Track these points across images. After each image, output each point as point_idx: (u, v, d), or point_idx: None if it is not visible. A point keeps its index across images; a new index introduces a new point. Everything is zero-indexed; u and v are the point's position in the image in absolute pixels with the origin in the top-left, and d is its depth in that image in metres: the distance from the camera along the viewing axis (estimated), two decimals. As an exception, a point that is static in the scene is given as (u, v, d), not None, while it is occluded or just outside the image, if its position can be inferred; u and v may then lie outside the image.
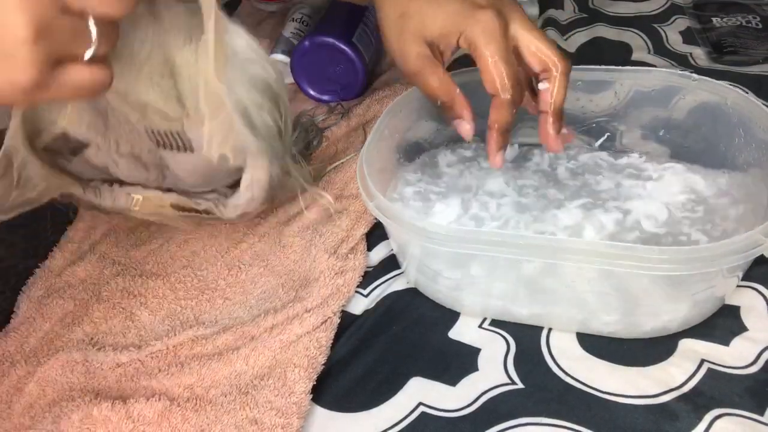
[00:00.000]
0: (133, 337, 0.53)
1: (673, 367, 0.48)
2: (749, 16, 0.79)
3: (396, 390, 0.49)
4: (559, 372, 0.48)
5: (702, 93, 0.57)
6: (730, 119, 0.55)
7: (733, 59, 0.74)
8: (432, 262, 0.51)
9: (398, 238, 0.53)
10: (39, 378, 0.51)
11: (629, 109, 0.60)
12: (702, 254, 0.43)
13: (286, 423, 0.47)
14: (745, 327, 0.50)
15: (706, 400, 0.45)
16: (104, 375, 0.51)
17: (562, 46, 0.80)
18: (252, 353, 0.51)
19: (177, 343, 0.52)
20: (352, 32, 0.74)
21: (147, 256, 0.61)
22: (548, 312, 0.50)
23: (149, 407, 0.47)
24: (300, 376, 0.49)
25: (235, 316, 0.54)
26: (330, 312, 0.53)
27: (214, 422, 0.47)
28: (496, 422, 0.46)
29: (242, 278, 0.57)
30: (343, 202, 0.62)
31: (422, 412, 0.47)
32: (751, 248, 0.43)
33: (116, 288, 0.57)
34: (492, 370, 0.49)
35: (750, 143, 0.54)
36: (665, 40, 0.79)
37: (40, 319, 0.56)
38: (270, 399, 0.48)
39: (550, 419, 0.46)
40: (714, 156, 0.57)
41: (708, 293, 0.48)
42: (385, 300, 0.55)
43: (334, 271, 0.56)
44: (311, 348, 0.51)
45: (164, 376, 0.50)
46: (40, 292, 0.59)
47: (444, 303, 0.54)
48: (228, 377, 0.50)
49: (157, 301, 0.56)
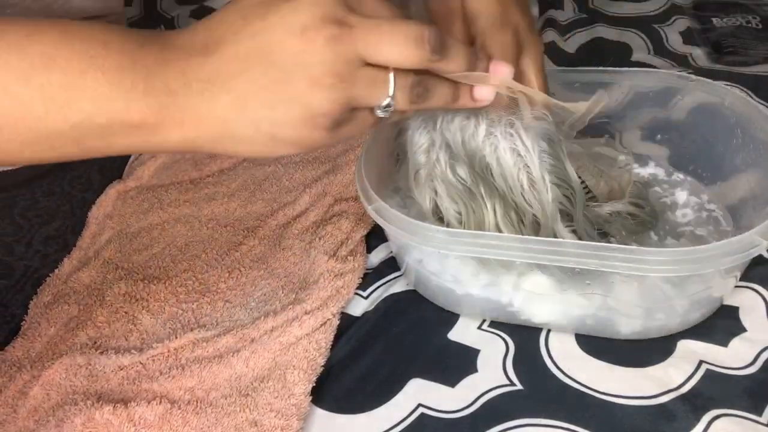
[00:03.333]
0: (135, 341, 0.54)
1: (671, 368, 0.48)
2: (749, 16, 0.79)
3: (395, 391, 0.49)
4: (557, 373, 0.49)
5: (700, 94, 0.57)
6: (729, 120, 0.55)
7: (733, 59, 0.74)
8: (431, 265, 0.51)
9: (397, 241, 0.53)
10: (43, 382, 0.52)
11: (628, 110, 0.61)
12: (699, 255, 0.43)
13: (286, 425, 0.47)
14: (744, 328, 0.50)
15: (705, 400, 0.46)
16: (107, 378, 0.51)
17: (562, 46, 0.80)
18: (252, 355, 0.51)
19: (178, 345, 0.52)
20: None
21: (149, 260, 0.61)
22: (547, 313, 0.50)
23: (150, 410, 0.48)
24: (300, 378, 0.49)
25: (236, 318, 0.55)
26: (329, 314, 0.53)
27: (215, 425, 0.47)
28: (495, 423, 0.46)
29: (242, 281, 0.58)
30: (342, 204, 0.62)
31: (422, 413, 0.47)
32: (747, 249, 0.43)
33: (119, 292, 0.58)
34: (491, 371, 0.49)
35: (748, 144, 0.54)
36: (665, 41, 0.79)
37: (45, 324, 0.57)
38: (270, 401, 0.48)
39: (549, 420, 0.46)
40: (712, 157, 0.57)
41: (706, 294, 0.48)
42: (385, 302, 0.55)
43: (333, 273, 0.56)
44: (311, 350, 0.51)
45: (165, 379, 0.50)
46: (47, 298, 0.60)
47: (443, 305, 0.54)
48: (228, 379, 0.50)
49: (159, 304, 0.56)
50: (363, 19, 0.35)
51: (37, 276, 0.61)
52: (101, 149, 0.35)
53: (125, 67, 0.33)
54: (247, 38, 0.34)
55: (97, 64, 0.33)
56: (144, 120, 0.34)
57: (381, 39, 0.35)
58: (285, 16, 0.34)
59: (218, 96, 0.34)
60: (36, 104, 0.33)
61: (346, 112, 0.36)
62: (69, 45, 0.33)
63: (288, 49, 0.34)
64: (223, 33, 0.35)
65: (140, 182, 0.70)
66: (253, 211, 0.65)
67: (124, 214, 0.66)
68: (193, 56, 0.34)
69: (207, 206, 0.66)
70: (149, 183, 0.70)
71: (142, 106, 0.34)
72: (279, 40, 0.34)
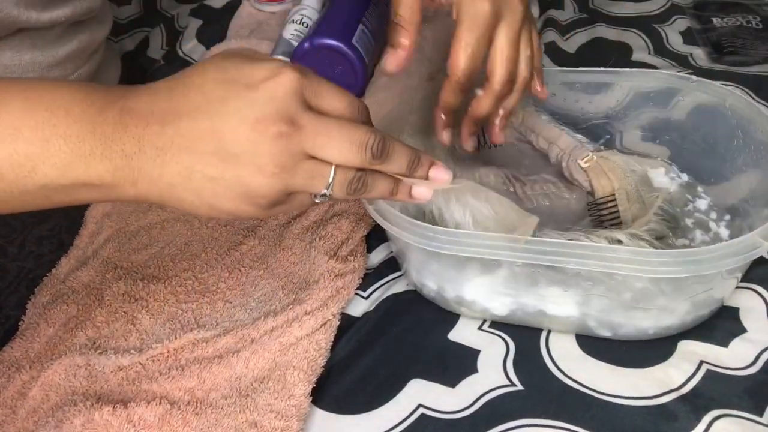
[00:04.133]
0: (134, 341, 0.54)
1: (672, 369, 0.48)
2: (749, 16, 0.79)
3: (396, 392, 0.49)
4: (558, 373, 0.49)
5: (701, 94, 0.57)
6: (729, 121, 0.55)
7: (733, 59, 0.74)
8: (431, 265, 0.51)
9: (398, 241, 0.53)
10: (42, 382, 0.51)
11: (628, 110, 0.61)
12: (701, 257, 0.43)
13: (286, 426, 0.47)
14: (744, 328, 0.50)
15: (706, 401, 0.46)
16: (106, 379, 0.51)
17: (562, 46, 0.80)
18: (252, 356, 0.51)
19: (178, 346, 0.52)
20: (352, 33, 0.74)
21: (148, 260, 0.61)
22: (548, 314, 0.50)
23: (150, 411, 0.47)
24: (299, 379, 0.49)
25: (236, 318, 0.54)
26: (330, 314, 0.53)
27: (215, 425, 0.47)
28: (495, 423, 0.46)
29: (242, 281, 0.58)
30: (343, 204, 0.62)
31: (422, 414, 0.47)
32: (749, 251, 0.43)
33: (118, 292, 0.58)
34: (491, 372, 0.49)
35: (749, 144, 0.54)
36: (665, 41, 0.79)
37: (44, 325, 0.57)
38: (270, 402, 0.48)
39: (549, 420, 0.46)
40: (713, 157, 0.57)
41: (707, 295, 0.48)
42: (385, 302, 0.55)
43: (333, 273, 0.56)
44: (311, 350, 0.51)
45: (165, 380, 0.50)
46: (45, 298, 0.59)
47: (444, 305, 0.54)
48: (228, 380, 0.50)
49: (159, 304, 0.56)
50: (313, 120, 0.37)
51: (31, 277, 0.61)
52: (69, 202, 0.39)
53: (85, 134, 0.37)
54: (204, 118, 0.37)
55: (59, 132, 0.37)
56: (102, 180, 0.37)
57: (327, 142, 0.38)
58: (242, 107, 0.37)
59: (168, 164, 0.37)
60: (6, 170, 0.37)
61: (283, 196, 0.39)
62: (33, 115, 0.37)
63: (239, 136, 0.36)
64: (182, 106, 0.37)
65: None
66: (252, 210, 0.64)
67: (123, 213, 0.66)
68: (150, 124, 0.37)
69: (206, 206, 0.65)
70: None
71: (100, 170, 0.37)
72: (233, 126, 0.36)
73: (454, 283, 0.51)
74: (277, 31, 0.87)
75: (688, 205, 0.58)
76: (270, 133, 0.36)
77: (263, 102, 0.37)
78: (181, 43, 0.86)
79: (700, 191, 0.59)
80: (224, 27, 0.87)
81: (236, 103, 0.37)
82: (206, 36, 0.86)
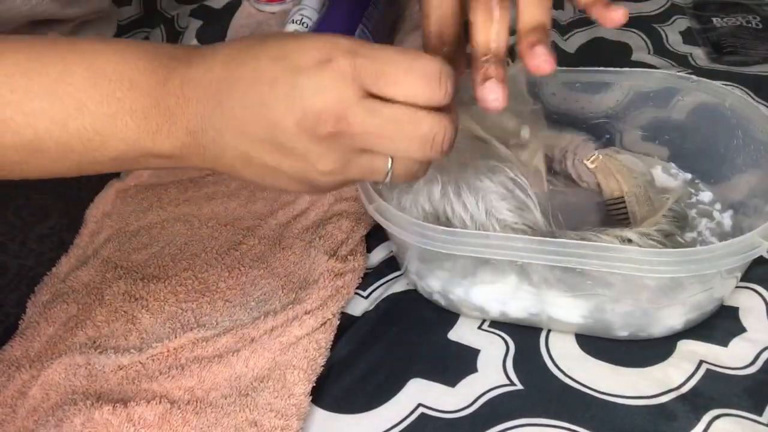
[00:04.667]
0: (134, 340, 0.54)
1: (671, 368, 0.48)
2: (749, 16, 0.79)
3: (395, 391, 0.49)
4: (558, 373, 0.49)
5: (701, 94, 0.57)
6: (729, 121, 0.55)
7: (733, 59, 0.74)
8: (431, 264, 0.51)
9: (398, 241, 0.53)
10: (42, 382, 0.52)
11: (629, 110, 0.61)
12: (700, 256, 0.43)
13: (286, 425, 0.47)
14: (744, 328, 0.50)
15: (705, 400, 0.46)
16: (106, 378, 0.51)
17: (562, 46, 0.80)
18: (252, 355, 0.51)
19: (178, 345, 0.52)
20: (352, 34, 0.74)
21: (148, 259, 0.61)
22: (547, 313, 0.50)
23: (150, 410, 0.47)
24: (299, 378, 0.49)
25: (235, 318, 0.54)
26: (329, 313, 0.53)
27: (214, 425, 0.47)
28: (495, 423, 0.46)
29: (242, 280, 0.58)
30: (343, 204, 0.62)
31: (422, 413, 0.47)
32: (748, 250, 0.43)
33: (118, 291, 0.58)
34: (491, 371, 0.49)
35: (749, 144, 0.54)
36: (665, 41, 0.79)
37: (44, 324, 0.57)
38: (269, 401, 0.48)
39: (549, 420, 0.46)
40: (713, 157, 0.57)
41: (706, 294, 0.48)
42: (385, 301, 0.55)
43: (333, 272, 0.56)
44: (311, 350, 0.51)
45: (165, 379, 0.50)
46: (45, 297, 0.59)
47: (443, 304, 0.54)
48: (228, 379, 0.50)
49: (159, 303, 0.56)
50: (366, 117, 0.35)
51: (32, 275, 0.61)
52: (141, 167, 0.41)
53: (150, 108, 0.37)
54: (255, 102, 0.36)
55: (125, 107, 0.37)
56: (171, 153, 0.38)
57: (380, 141, 0.36)
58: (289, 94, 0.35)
59: (228, 149, 0.37)
60: (76, 145, 0.37)
61: (343, 185, 0.39)
62: (98, 88, 0.37)
63: (288, 130, 0.35)
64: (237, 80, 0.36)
65: (139, 181, 0.70)
66: (253, 210, 0.64)
67: (123, 213, 0.66)
68: (210, 98, 0.37)
69: (207, 205, 0.65)
70: (149, 181, 0.70)
71: (167, 146, 0.38)
72: (281, 116, 0.35)
73: (463, 287, 0.51)
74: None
75: (692, 198, 0.58)
76: (316, 134, 0.35)
77: (311, 93, 0.34)
78: (181, 44, 0.87)
79: (702, 187, 0.59)
80: (224, 27, 0.87)
81: (284, 88, 0.35)
82: (206, 36, 0.86)
